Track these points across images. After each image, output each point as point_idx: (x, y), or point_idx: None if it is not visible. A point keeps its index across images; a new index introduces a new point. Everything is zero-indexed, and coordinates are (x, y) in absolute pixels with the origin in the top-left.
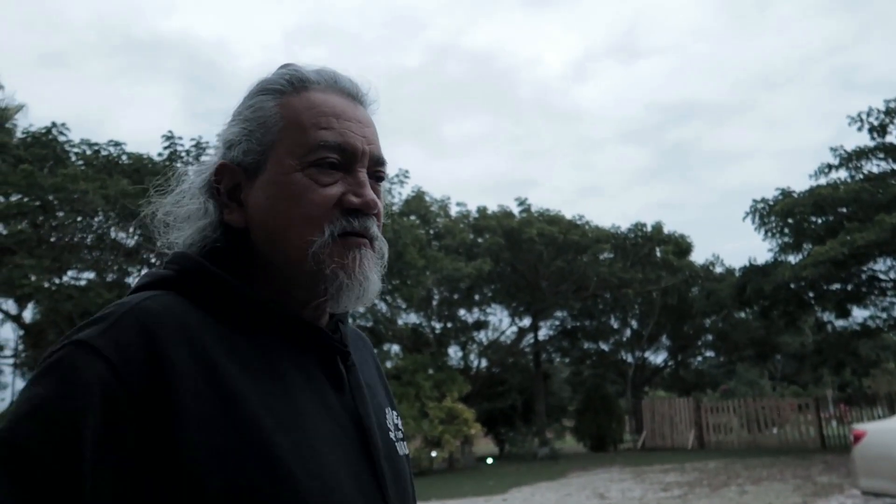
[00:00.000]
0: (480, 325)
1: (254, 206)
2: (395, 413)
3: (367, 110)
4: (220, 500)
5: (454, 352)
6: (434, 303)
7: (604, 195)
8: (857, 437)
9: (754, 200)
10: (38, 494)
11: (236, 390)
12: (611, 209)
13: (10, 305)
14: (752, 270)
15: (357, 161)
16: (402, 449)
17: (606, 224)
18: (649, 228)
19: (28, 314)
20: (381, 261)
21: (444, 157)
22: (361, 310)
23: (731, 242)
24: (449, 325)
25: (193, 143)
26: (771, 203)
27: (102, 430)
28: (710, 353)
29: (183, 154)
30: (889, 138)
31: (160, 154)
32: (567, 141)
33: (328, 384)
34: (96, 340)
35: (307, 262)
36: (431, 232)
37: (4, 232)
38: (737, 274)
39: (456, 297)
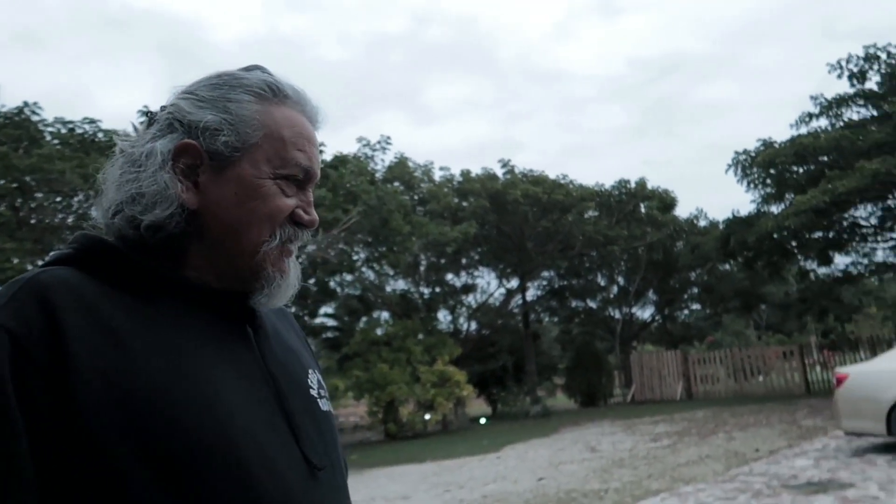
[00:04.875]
0: (468, 288)
1: (216, 195)
2: (318, 373)
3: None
4: (121, 451)
5: (443, 316)
6: (421, 268)
7: (589, 154)
8: (840, 381)
9: (736, 152)
10: None
11: (134, 347)
12: (596, 168)
13: None
14: (735, 222)
15: (311, 182)
16: (325, 406)
17: (591, 182)
18: (633, 185)
19: None
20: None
21: (429, 123)
22: (349, 278)
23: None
24: (437, 289)
25: None
26: (753, 154)
27: (14, 400)
28: (696, 306)
29: None
30: (868, 84)
31: (136, 129)
32: (551, 102)
33: (237, 343)
34: None
35: (256, 258)
36: (416, 197)
37: None
38: (721, 227)
39: (443, 261)
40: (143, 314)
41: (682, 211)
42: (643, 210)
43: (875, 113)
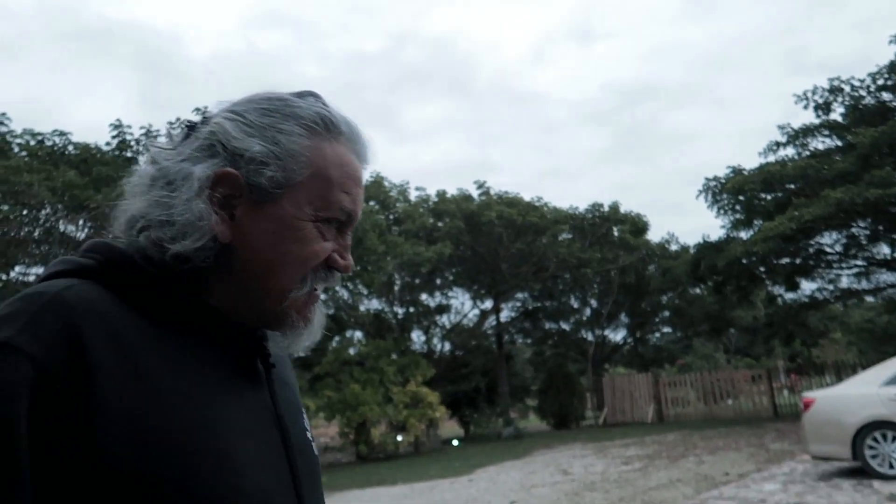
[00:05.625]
0: (442, 308)
1: (252, 231)
2: (304, 414)
3: None
4: (133, 484)
5: (417, 336)
6: (396, 288)
7: (563, 177)
8: (807, 405)
9: (707, 179)
10: None
11: (158, 388)
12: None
13: None
14: (705, 247)
15: (351, 225)
16: (315, 449)
17: (565, 205)
18: (606, 208)
19: None
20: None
21: (405, 143)
22: (322, 297)
23: (686, 221)
24: (411, 309)
25: (143, 131)
26: (723, 181)
27: (33, 430)
28: (667, 329)
29: (133, 143)
30: (833, 116)
31: (108, 143)
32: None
33: (247, 381)
34: (17, 339)
35: (283, 303)
36: (391, 217)
37: None
38: (691, 251)
39: (417, 281)
40: (165, 346)
41: (654, 235)
42: (616, 233)
43: (839, 143)
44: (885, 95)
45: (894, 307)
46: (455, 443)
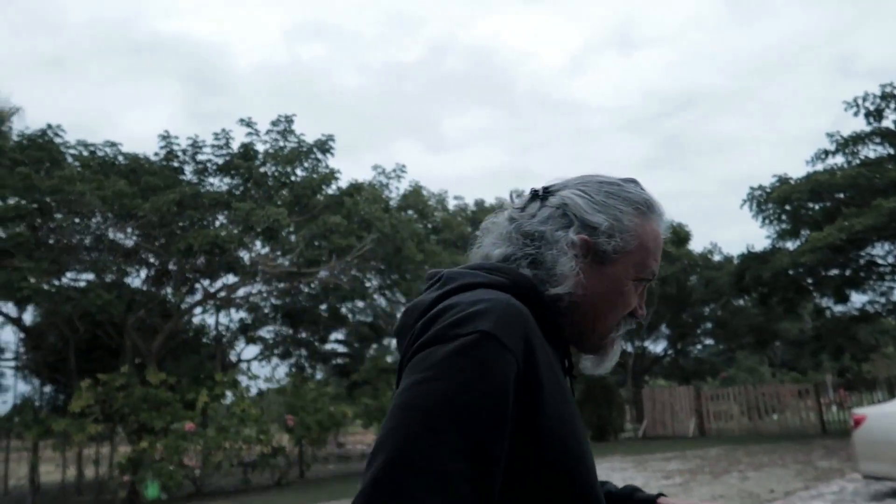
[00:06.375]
0: None
1: (591, 285)
2: None
3: None
4: (555, 460)
5: None
6: None
7: None
8: (857, 422)
9: (751, 188)
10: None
11: (564, 394)
12: None
13: (10, 308)
14: (750, 258)
15: (649, 283)
16: None
17: None
18: None
19: (28, 316)
20: None
21: (444, 152)
22: (361, 305)
23: (730, 230)
24: None
25: (190, 142)
26: (768, 190)
27: (510, 412)
28: (709, 341)
29: (179, 153)
30: (885, 123)
31: (156, 154)
32: (565, 132)
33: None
34: (502, 335)
35: (603, 341)
36: (429, 226)
37: (3, 235)
38: (735, 261)
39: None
40: (552, 361)
41: (696, 245)
42: None
43: (892, 151)
44: None
45: None
46: None
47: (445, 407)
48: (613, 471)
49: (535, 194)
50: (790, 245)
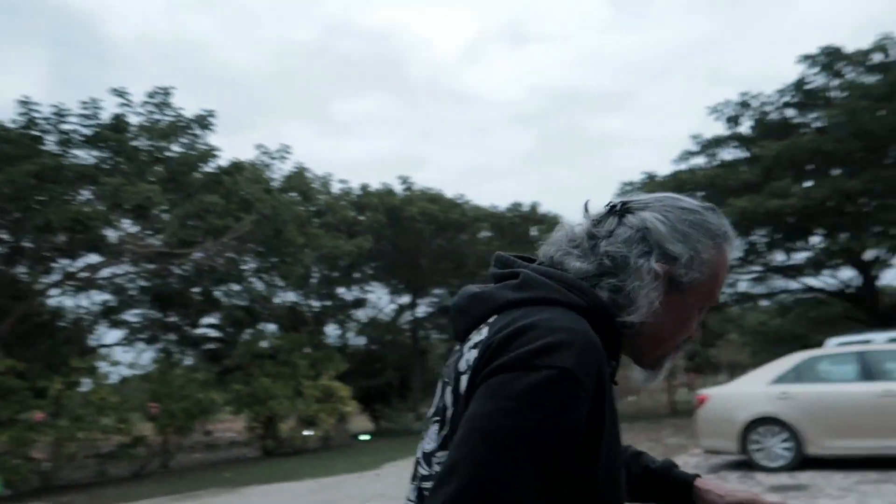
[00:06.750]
0: (359, 303)
1: (661, 311)
2: None
3: None
4: (605, 478)
5: (332, 330)
6: (313, 281)
7: (488, 176)
8: (701, 402)
9: (622, 183)
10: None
11: (615, 418)
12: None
13: None
14: None
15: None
16: None
17: (486, 204)
18: (526, 208)
19: None
20: None
21: (335, 135)
22: (237, 288)
23: None
24: (328, 303)
25: (54, 109)
26: (637, 186)
27: (583, 421)
28: None
29: (41, 121)
30: (742, 129)
31: (14, 121)
32: (458, 122)
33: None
34: (581, 375)
35: (662, 360)
36: (312, 209)
37: None
38: None
39: (335, 274)
40: (609, 383)
41: None
42: (534, 233)
43: (746, 155)
44: (789, 112)
45: (785, 311)
46: (364, 437)
47: (522, 440)
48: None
49: (612, 209)
50: None
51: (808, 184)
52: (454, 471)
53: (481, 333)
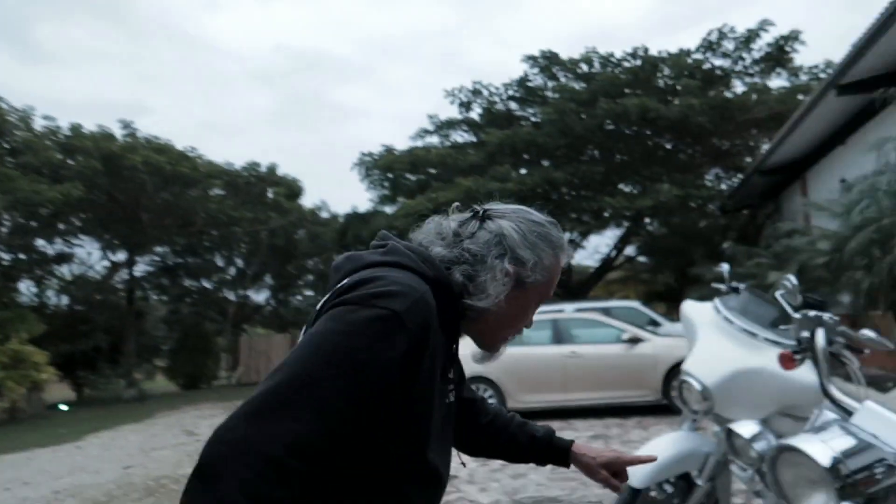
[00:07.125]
0: (64, 257)
1: (504, 305)
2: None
3: None
4: (411, 427)
5: (27, 287)
6: (3, 230)
7: (224, 133)
8: None
9: (362, 153)
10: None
11: (433, 382)
12: (230, 148)
13: None
14: (353, 217)
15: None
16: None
17: (221, 160)
18: (264, 169)
19: None
20: None
21: (37, 63)
22: None
23: (340, 192)
24: (22, 256)
25: None
26: (376, 158)
27: (397, 377)
28: (309, 293)
29: None
30: (472, 114)
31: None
32: (193, 72)
33: (446, 381)
34: (406, 317)
35: (498, 344)
36: (6, 146)
37: None
38: (340, 220)
39: (34, 224)
40: (439, 348)
41: (307, 201)
42: (271, 195)
43: (474, 139)
44: (513, 105)
45: None
46: (63, 407)
47: (344, 357)
48: (202, 418)
49: (475, 214)
50: (388, 209)
51: (524, 171)
52: (281, 367)
53: (342, 283)
